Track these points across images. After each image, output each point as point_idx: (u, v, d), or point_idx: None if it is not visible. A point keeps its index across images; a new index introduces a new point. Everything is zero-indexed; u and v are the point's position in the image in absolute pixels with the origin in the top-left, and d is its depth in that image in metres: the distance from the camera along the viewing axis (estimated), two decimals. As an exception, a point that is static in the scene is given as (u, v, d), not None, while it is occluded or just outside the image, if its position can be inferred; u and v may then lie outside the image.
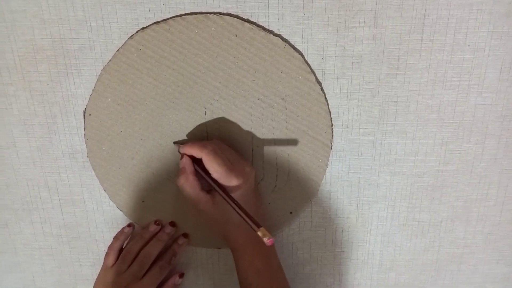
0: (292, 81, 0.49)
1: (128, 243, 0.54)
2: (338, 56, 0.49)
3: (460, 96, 0.50)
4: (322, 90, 0.50)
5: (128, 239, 0.55)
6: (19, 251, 0.58)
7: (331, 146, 0.52)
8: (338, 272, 0.58)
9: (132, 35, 0.48)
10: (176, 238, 0.55)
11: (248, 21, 0.48)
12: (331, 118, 0.51)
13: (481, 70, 0.49)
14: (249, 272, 0.49)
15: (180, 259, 0.57)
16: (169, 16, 0.48)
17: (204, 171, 0.47)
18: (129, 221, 0.56)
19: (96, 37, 0.48)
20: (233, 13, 0.47)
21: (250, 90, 0.50)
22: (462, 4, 0.47)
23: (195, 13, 0.47)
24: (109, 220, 0.56)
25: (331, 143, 0.52)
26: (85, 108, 0.51)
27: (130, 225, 0.55)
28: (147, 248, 0.53)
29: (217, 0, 0.47)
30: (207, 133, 0.51)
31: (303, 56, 0.49)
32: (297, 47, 0.48)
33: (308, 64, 0.49)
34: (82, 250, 0.58)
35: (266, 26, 0.48)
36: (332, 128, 0.51)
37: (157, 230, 0.54)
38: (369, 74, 0.49)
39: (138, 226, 0.56)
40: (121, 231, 0.55)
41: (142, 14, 0.47)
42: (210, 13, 0.47)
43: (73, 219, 0.56)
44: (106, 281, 0.52)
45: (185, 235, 0.56)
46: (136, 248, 0.53)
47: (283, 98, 0.50)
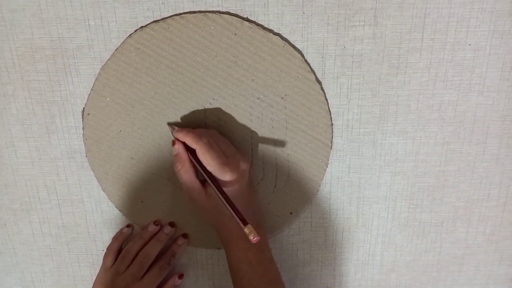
0: (292, 80, 0.49)
1: (127, 244, 0.54)
2: (338, 55, 0.48)
3: (461, 96, 0.50)
4: (322, 90, 0.49)
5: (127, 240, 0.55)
6: (18, 252, 0.58)
7: (331, 146, 0.52)
8: (339, 273, 0.58)
9: (131, 34, 0.48)
10: (176, 239, 0.55)
11: (248, 20, 0.47)
12: (331, 118, 0.51)
13: (482, 69, 0.49)
14: (242, 265, 0.48)
15: (180, 260, 0.57)
16: (168, 15, 0.47)
17: (198, 162, 0.46)
18: (128, 222, 0.55)
19: (95, 36, 0.48)
20: (232, 12, 0.47)
21: (250, 89, 0.49)
22: (463, 3, 0.46)
23: (194, 12, 0.47)
24: (108, 220, 0.56)
25: (331, 143, 0.52)
26: (84, 108, 0.51)
27: (129, 226, 0.55)
28: (146, 249, 0.53)
29: (216, -1, 0.47)
30: (207, 133, 0.51)
31: (303, 55, 0.48)
32: (297, 46, 0.48)
33: (308, 63, 0.49)
34: (81, 251, 0.57)
35: (266, 25, 0.48)
36: (332, 128, 0.51)
37: (156, 231, 0.54)
38: (370, 73, 0.49)
39: (137, 227, 0.55)
40: (120, 232, 0.55)
41: (141, 13, 0.47)
42: (209, 12, 0.47)
43: (72, 219, 0.56)
44: (105, 282, 0.51)
45: (185, 236, 0.55)
46: (135, 249, 0.53)
47: (283, 98, 0.50)
